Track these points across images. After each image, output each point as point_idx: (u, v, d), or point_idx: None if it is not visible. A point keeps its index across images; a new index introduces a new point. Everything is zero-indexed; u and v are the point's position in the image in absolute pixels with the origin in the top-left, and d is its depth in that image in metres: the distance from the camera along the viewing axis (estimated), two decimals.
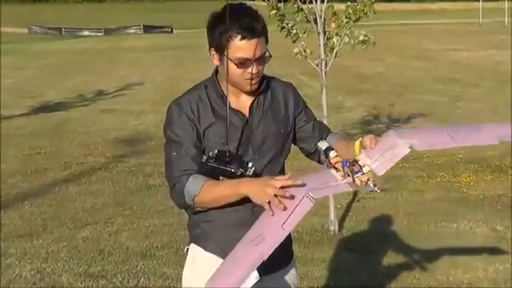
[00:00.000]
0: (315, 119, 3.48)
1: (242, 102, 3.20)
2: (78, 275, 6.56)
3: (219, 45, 3.10)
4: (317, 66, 7.76)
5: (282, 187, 2.83)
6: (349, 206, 8.68)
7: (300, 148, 3.49)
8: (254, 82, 3.13)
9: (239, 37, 3.04)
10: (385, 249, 7.28)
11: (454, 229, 7.92)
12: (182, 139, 3.14)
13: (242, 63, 3.07)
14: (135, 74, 26.12)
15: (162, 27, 69.58)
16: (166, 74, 26.52)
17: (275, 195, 2.82)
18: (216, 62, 3.19)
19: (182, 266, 3.37)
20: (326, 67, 7.74)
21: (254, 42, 3.04)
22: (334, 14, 7.73)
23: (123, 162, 11.57)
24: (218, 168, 2.98)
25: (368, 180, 2.88)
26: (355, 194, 9.02)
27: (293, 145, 3.45)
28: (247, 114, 3.22)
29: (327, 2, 7.59)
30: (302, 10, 7.66)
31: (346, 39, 7.72)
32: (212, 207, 3.14)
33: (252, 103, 3.23)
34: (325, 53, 7.72)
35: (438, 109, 16.67)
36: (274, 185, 2.84)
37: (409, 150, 2.92)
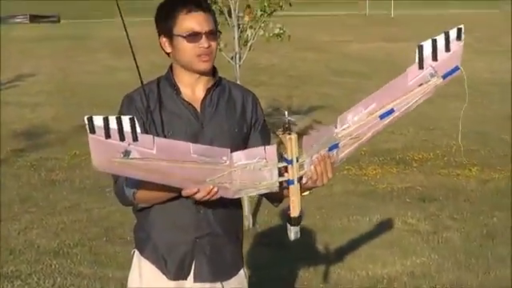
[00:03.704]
0: (267, 140, 3.21)
1: (196, 97, 3.10)
2: None
3: (167, 26, 3.04)
4: (231, 59, 7.67)
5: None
6: (260, 200, 8.61)
7: None
8: (205, 58, 3.02)
9: (185, 10, 3.01)
10: (301, 243, 7.24)
11: (366, 222, 7.98)
12: None
13: (192, 35, 2.99)
14: (26, 65, 25.37)
15: (48, 16, 67.67)
16: (57, 65, 25.85)
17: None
18: (168, 48, 3.09)
19: (98, 265, 3.25)
20: (240, 60, 7.67)
21: (201, 14, 3.01)
22: (248, 6, 7.69)
23: (23, 157, 11.24)
24: None
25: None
26: None
27: None
28: (199, 110, 3.10)
29: None
30: (215, 2, 7.54)
31: (261, 32, 7.67)
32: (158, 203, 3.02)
33: (204, 98, 3.11)
34: (239, 46, 7.64)
35: (336, 101, 16.80)
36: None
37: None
